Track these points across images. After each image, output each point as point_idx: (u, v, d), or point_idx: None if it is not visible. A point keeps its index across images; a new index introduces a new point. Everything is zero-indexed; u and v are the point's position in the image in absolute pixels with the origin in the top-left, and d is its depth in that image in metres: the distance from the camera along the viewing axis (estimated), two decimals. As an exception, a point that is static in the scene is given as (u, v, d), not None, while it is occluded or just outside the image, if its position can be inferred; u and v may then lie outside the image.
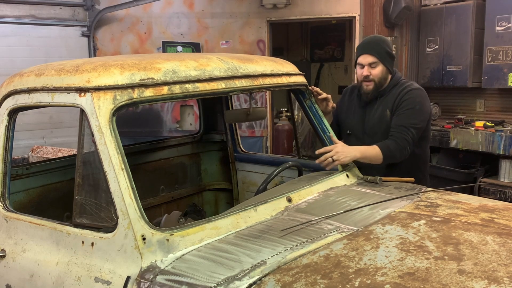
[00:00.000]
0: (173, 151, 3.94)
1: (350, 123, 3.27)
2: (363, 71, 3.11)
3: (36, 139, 7.28)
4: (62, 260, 2.20)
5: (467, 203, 2.50)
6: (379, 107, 3.15)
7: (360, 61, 3.12)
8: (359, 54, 3.13)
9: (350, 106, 3.30)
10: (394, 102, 3.10)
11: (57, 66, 2.33)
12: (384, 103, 3.15)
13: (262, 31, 7.44)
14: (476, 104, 7.11)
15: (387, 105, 3.13)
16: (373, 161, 2.94)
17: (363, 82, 3.13)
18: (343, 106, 3.35)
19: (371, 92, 3.13)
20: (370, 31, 7.05)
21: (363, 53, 3.10)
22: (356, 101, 3.28)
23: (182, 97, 2.31)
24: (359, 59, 3.13)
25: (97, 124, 2.07)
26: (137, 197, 2.03)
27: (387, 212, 2.37)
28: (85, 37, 7.70)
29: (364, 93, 3.16)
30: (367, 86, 3.12)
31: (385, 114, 3.12)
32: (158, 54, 6.60)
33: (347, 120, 3.29)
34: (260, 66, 2.76)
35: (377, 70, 3.08)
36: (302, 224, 2.20)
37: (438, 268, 1.78)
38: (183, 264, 1.93)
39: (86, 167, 2.18)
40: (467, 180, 6.18)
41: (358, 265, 1.83)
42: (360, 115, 3.23)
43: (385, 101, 3.15)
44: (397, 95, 3.10)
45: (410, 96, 3.08)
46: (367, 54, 3.09)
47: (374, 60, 3.07)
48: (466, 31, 6.72)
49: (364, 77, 3.10)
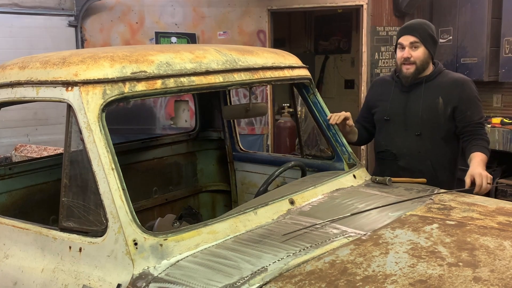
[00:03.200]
0: (167, 149, 3.94)
1: (388, 109, 3.26)
2: (403, 53, 3.13)
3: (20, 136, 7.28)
4: (47, 267, 2.20)
5: (483, 206, 2.50)
6: (427, 93, 3.16)
7: (400, 41, 3.15)
8: (400, 35, 3.17)
9: (386, 92, 3.30)
10: (451, 92, 3.13)
11: (42, 59, 2.33)
12: (432, 90, 3.16)
13: (262, 21, 7.43)
14: (492, 99, 7.10)
15: (438, 93, 3.14)
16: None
17: (403, 65, 3.15)
18: (376, 95, 3.38)
19: (411, 76, 3.15)
20: (379, 21, 7.05)
21: (405, 33, 3.14)
22: (394, 87, 3.28)
23: (176, 91, 2.31)
24: (400, 40, 3.16)
25: (85, 120, 2.07)
26: (128, 199, 2.03)
27: (397, 215, 2.38)
28: (72, 27, 7.68)
29: (404, 76, 3.17)
30: (407, 69, 3.14)
31: (437, 102, 3.14)
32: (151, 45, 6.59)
33: (384, 106, 3.29)
34: (261, 58, 2.76)
35: (418, 51, 3.11)
36: (306, 228, 2.20)
37: (452, 276, 1.78)
38: (178, 271, 1.93)
39: (74, 167, 2.18)
40: (483, 181, 6.17)
41: (366, 272, 1.83)
42: (401, 100, 3.23)
43: (434, 87, 3.16)
44: (454, 86, 3.14)
45: (470, 89, 3.15)
46: (408, 35, 3.12)
47: (416, 40, 3.10)
48: (482, 21, 6.71)
49: (405, 59, 3.13)
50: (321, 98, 3.17)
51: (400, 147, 3.20)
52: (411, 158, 3.16)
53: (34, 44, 7.33)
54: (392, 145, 3.23)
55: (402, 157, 3.19)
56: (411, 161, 3.15)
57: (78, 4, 7.66)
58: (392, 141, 3.23)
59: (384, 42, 7.10)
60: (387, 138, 3.27)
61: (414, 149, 3.17)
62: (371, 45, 7.00)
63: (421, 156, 3.16)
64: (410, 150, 3.18)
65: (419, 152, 3.16)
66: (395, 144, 3.22)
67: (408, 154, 3.17)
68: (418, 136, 3.16)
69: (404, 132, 3.18)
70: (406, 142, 3.19)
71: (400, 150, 3.19)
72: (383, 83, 3.39)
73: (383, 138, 3.29)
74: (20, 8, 7.38)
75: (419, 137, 3.16)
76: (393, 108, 3.24)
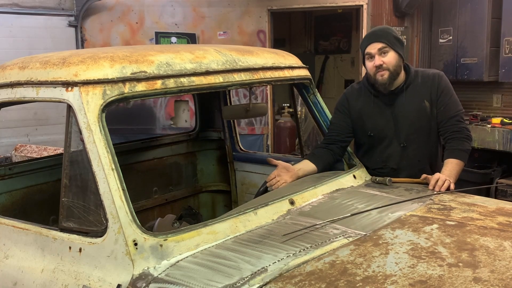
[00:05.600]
0: (167, 150, 3.94)
1: (375, 124, 3.11)
2: (374, 62, 3.00)
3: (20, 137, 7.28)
4: (47, 267, 2.20)
5: (483, 206, 2.50)
6: (411, 100, 3.06)
7: (368, 51, 3.03)
8: (366, 45, 3.05)
9: (367, 107, 3.13)
10: (431, 92, 3.05)
11: (42, 59, 2.33)
12: (415, 95, 3.06)
13: (262, 21, 7.43)
14: (492, 99, 7.10)
15: (422, 96, 3.06)
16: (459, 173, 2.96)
17: (377, 73, 3.01)
18: (357, 110, 3.15)
19: (387, 81, 3.01)
20: (379, 21, 7.05)
21: (370, 42, 3.02)
22: (374, 100, 3.12)
23: (176, 91, 2.31)
24: (367, 50, 3.04)
25: (85, 121, 2.07)
26: (128, 199, 2.03)
27: (397, 215, 2.37)
28: (72, 27, 7.69)
29: (381, 84, 3.02)
30: (381, 76, 3.00)
31: (423, 106, 3.05)
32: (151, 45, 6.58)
33: (370, 123, 3.12)
34: (261, 58, 2.76)
35: (389, 56, 2.99)
36: (306, 229, 2.20)
37: (452, 276, 1.78)
38: (178, 272, 1.93)
39: (74, 167, 2.18)
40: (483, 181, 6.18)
41: (366, 273, 1.83)
42: (387, 114, 3.09)
43: (416, 91, 3.07)
44: (431, 83, 3.06)
45: (445, 83, 3.09)
46: (374, 42, 3.01)
47: (384, 45, 2.98)
48: (482, 21, 6.71)
49: (377, 67, 2.99)
50: (321, 98, 3.16)
51: (398, 161, 3.09)
52: (411, 168, 3.06)
53: (34, 44, 7.33)
54: (390, 161, 3.10)
55: (403, 170, 3.07)
56: (412, 171, 3.04)
57: (78, 4, 7.66)
58: (390, 157, 3.10)
59: (384, 42, 7.09)
60: (382, 154, 3.12)
61: (413, 160, 3.07)
62: (371, 45, 6.99)
63: (421, 163, 3.08)
64: (409, 161, 3.07)
65: (419, 161, 3.07)
66: (393, 159, 3.10)
67: (408, 166, 3.07)
68: (414, 145, 3.07)
69: (399, 145, 3.07)
70: (403, 154, 3.08)
71: (399, 163, 3.07)
72: (358, 95, 3.18)
73: (378, 155, 3.14)
74: (20, 8, 7.38)
75: (416, 146, 3.07)
76: (381, 124, 3.10)
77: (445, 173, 2.84)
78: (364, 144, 3.19)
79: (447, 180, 2.76)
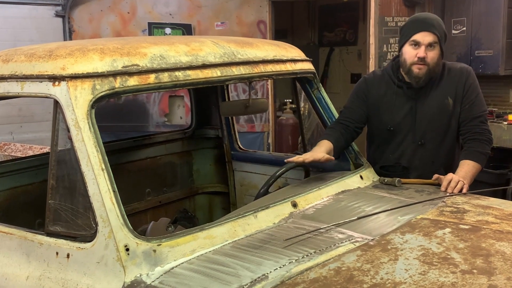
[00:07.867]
0: (160, 148, 3.95)
1: (392, 117, 3.10)
2: (418, 52, 2.95)
3: (3, 134, 7.29)
4: (33, 274, 2.20)
5: (499, 209, 2.50)
6: (435, 95, 3.05)
7: (417, 39, 2.95)
8: (417, 31, 2.96)
9: (388, 97, 3.12)
10: (457, 88, 3.04)
11: (27, 51, 2.33)
12: (440, 90, 3.05)
13: (263, 11, 7.43)
14: (509, 94, 7.10)
15: (446, 92, 3.04)
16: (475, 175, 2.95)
17: (415, 65, 2.97)
18: (375, 98, 3.14)
19: (423, 77, 2.98)
20: (387, 11, 7.05)
21: (423, 29, 2.95)
22: (397, 91, 3.10)
23: (171, 86, 2.32)
24: (415, 36, 2.96)
25: (73, 117, 2.07)
26: (119, 202, 2.03)
27: (407, 219, 2.38)
28: (60, 18, 7.69)
29: (416, 77, 2.98)
30: (419, 69, 2.96)
31: (446, 103, 3.04)
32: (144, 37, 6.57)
33: (387, 114, 3.11)
34: (261, 51, 2.76)
35: (434, 53, 2.96)
36: (309, 233, 2.20)
37: (465, 283, 1.78)
38: (173, 279, 1.94)
39: (61, 167, 2.19)
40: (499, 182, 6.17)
41: (374, 280, 1.83)
42: (409, 107, 3.08)
43: (441, 87, 3.06)
44: (458, 79, 3.05)
45: (473, 79, 3.07)
46: (428, 32, 2.95)
47: (435, 40, 2.95)
48: (498, 11, 6.70)
49: (419, 59, 2.94)
50: (325, 94, 3.17)
51: (411, 160, 3.09)
52: (424, 169, 3.05)
53: (19, 35, 7.33)
54: (403, 158, 3.10)
55: (415, 169, 3.08)
56: (424, 172, 3.03)
57: (66, -7, 7.67)
58: (403, 153, 3.10)
59: (393, 34, 7.09)
60: (396, 151, 3.12)
61: (427, 159, 3.07)
62: (379, 37, 7.00)
63: (435, 165, 3.07)
64: (422, 161, 3.07)
65: (433, 162, 3.07)
66: (406, 157, 3.09)
67: (421, 165, 3.07)
68: (430, 145, 3.06)
69: (415, 143, 3.06)
70: (417, 153, 3.08)
71: (412, 162, 3.07)
72: (380, 83, 3.16)
73: (391, 151, 3.13)
74: (4, -3, 7.38)
75: (432, 145, 3.06)
76: (401, 117, 3.08)
77: (460, 174, 2.84)
78: (377, 137, 3.20)
79: (460, 181, 2.76)
